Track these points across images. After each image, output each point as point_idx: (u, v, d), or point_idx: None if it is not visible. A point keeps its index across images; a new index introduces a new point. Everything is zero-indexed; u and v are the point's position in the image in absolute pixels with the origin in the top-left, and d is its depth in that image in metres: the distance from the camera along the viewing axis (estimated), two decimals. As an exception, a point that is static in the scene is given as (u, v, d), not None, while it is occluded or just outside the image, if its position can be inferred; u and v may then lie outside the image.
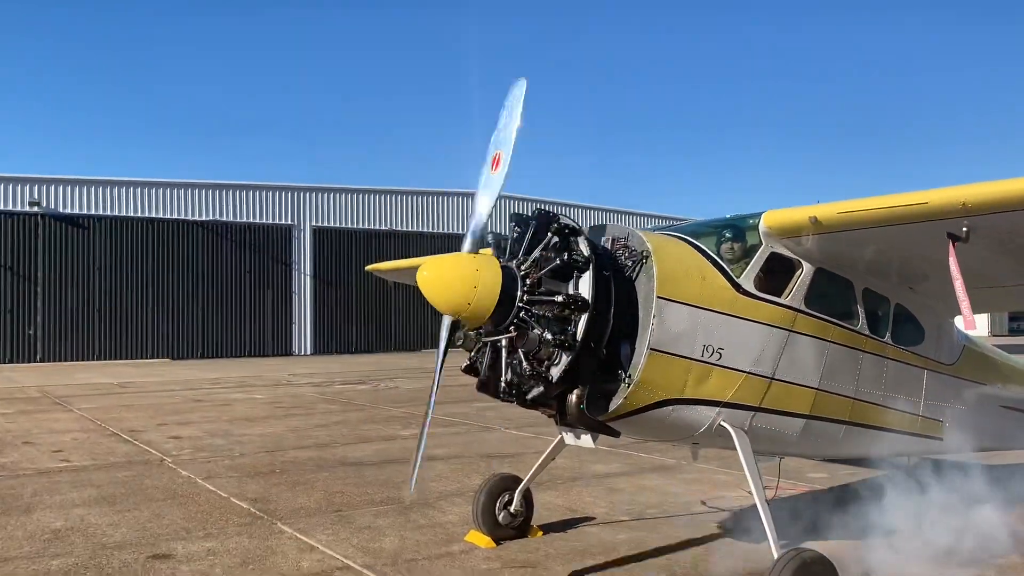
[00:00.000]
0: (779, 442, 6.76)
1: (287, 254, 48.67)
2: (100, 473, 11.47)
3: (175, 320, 45.24)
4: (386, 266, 13.44)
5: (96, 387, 26.30)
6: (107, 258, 43.75)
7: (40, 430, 16.04)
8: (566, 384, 5.75)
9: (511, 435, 15.01)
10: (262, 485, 10.61)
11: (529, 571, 6.99)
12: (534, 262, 5.75)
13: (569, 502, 9.53)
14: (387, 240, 51.02)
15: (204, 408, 19.98)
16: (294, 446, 13.89)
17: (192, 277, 45.89)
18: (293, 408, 19.87)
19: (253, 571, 6.98)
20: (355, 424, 16.73)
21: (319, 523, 8.60)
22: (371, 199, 51.84)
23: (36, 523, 8.67)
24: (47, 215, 42.42)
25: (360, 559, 7.31)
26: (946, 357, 8.12)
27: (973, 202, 5.42)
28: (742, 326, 6.29)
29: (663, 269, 5.97)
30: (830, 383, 6.82)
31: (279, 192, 48.86)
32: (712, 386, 6.14)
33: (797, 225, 6.40)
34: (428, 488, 10.37)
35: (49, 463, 12.32)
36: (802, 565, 5.38)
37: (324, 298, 49.56)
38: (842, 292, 7.13)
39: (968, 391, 8.35)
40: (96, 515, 8.99)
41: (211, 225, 46.39)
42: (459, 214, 54.43)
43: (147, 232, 44.82)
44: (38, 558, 7.40)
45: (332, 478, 11.08)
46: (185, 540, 7.95)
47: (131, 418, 17.91)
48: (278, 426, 16.52)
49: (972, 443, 8.99)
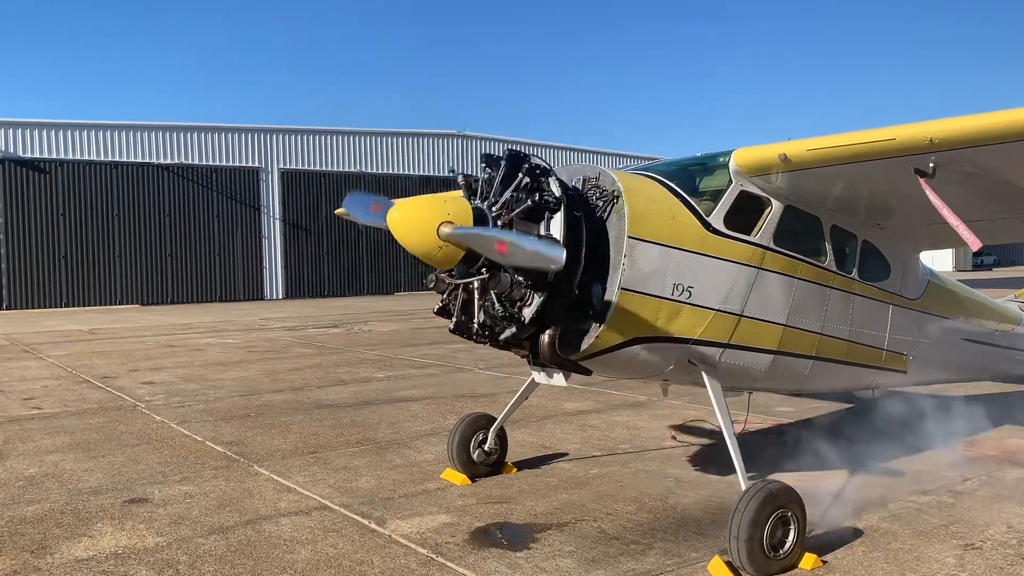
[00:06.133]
0: (747, 377, 6.88)
1: (255, 197, 48.06)
2: (73, 420, 11.44)
3: (144, 266, 44.73)
4: (355, 209, 13.31)
5: (65, 334, 26.06)
6: (71, 203, 42.95)
7: (10, 378, 15.91)
8: (538, 325, 5.79)
9: (485, 375, 15.14)
10: (237, 428, 10.65)
11: (504, 506, 7.13)
12: (505, 203, 5.73)
13: (542, 439, 9.68)
14: (357, 182, 50.40)
15: (176, 354, 19.90)
16: (269, 390, 13.92)
17: (159, 222, 45.24)
18: (267, 352, 19.85)
19: (231, 513, 7.04)
20: (329, 367, 16.78)
21: (296, 465, 8.68)
22: (340, 140, 51.12)
23: (9, 470, 8.66)
24: (7, 159, 41.42)
25: (337, 499, 7.41)
26: (911, 292, 8.26)
27: (940, 138, 5.45)
28: (712, 264, 6.34)
29: (634, 209, 5.98)
30: (797, 319, 6.92)
31: (245, 134, 48.01)
32: (682, 324, 6.21)
33: (767, 163, 6.41)
34: (404, 428, 10.48)
35: (20, 411, 12.26)
36: (768, 496, 5.53)
37: (294, 242, 49.17)
38: (810, 229, 7.19)
39: (932, 325, 8.52)
40: (71, 461, 9.00)
41: (177, 168, 45.60)
42: (430, 155, 53.92)
43: (111, 176, 43.97)
44: (13, 504, 7.41)
45: (308, 420, 11.14)
46: (162, 484, 8.00)
47: (102, 365, 17.81)
48: (252, 370, 16.53)
49: (935, 375, 9.24)
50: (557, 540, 6.28)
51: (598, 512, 6.95)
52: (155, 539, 6.41)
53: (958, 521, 6.66)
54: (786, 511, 5.61)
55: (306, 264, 49.67)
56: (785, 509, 5.61)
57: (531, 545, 6.19)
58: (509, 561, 5.86)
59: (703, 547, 6.08)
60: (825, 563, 5.80)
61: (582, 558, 5.90)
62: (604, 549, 6.09)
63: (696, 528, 6.53)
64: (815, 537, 6.22)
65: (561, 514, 6.91)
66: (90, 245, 43.44)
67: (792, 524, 5.66)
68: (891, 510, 6.93)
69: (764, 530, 5.48)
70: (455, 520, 6.77)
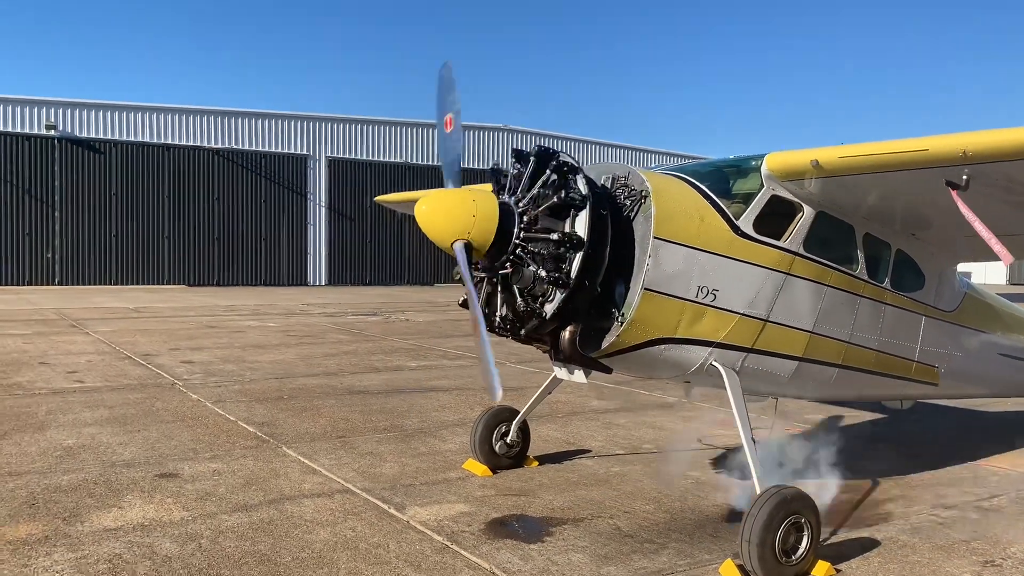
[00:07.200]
0: (771, 383, 6.84)
1: (302, 184, 48.76)
2: (112, 394, 11.77)
3: (191, 247, 45.66)
4: (394, 197, 13.50)
5: (112, 311, 26.72)
6: (123, 183, 44.00)
7: (56, 351, 16.40)
8: (559, 321, 5.85)
9: (515, 369, 15.22)
10: (270, 410, 10.87)
11: (522, 499, 7.20)
12: (532, 199, 5.79)
13: (567, 435, 9.74)
14: (402, 172, 50.93)
15: (217, 334, 20.31)
16: (303, 373, 14.16)
17: (208, 204, 46.13)
18: (305, 337, 20.17)
19: (256, 491, 7.22)
20: (364, 354, 17.00)
21: (323, 448, 8.85)
22: (386, 130, 51.59)
23: (49, 440, 8.96)
24: (63, 138, 42.53)
25: (360, 483, 7.54)
26: (946, 304, 8.14)
27: (973, 150, 5.38)
28: (738, 268, 6.32)
29: (661, 209, 5.99)
30: (825, 327, 6.86)
31: (295, 121, 48.71)
32: (705, 326, 6.21)
33: (799, 168, 6.38)
34: (431, 417, 10.60)
35: (63, 383, 12.64)
36: (782, 501, 5.52)
37: (339, 229, 49.78)
38: (843, 236, 7.12)
39: (967, 338, 8.39)
40: (107, 434, 9.28)
41: (227, 153, 46.40)
42: (474, 147, 54.13)
43: (163, 158, 44.94)
44: (50, 473, 7.68)
45: (339, 405, 11.33)
46: (192, 460, 8.21)
47: (145, 342, 18.25)
48: (289, 354, 16.82)
49: (968, 390, 9.10)
50: (572, 535, 6.34)
51: (615, 509, 6.98)
52: (181, 513, 6.60)
53: (981, 537, 6.57)
54: (799, 517, 5.59)
55: (350, 252, 50.27)
56: (798, 515, 5.59)
57: (545, 538, 6.25)
58: (522, 552, 5.93)
59: (717, 549, 6.09)
60: (839, 572, 5.77)
61: (595, 554, 5.95)
62: (618, 546, 6.13)
63: (712, 530, 6.54)
64: (831, 545, 6.19)
65: (578, 509, 6.96)
66: (140, 225, 44.47)
67: (805, 530, 5.63)
68: (912, 523, 6.87)
69: (776, 535, 5.47)
70: (473, 510, 6.86)
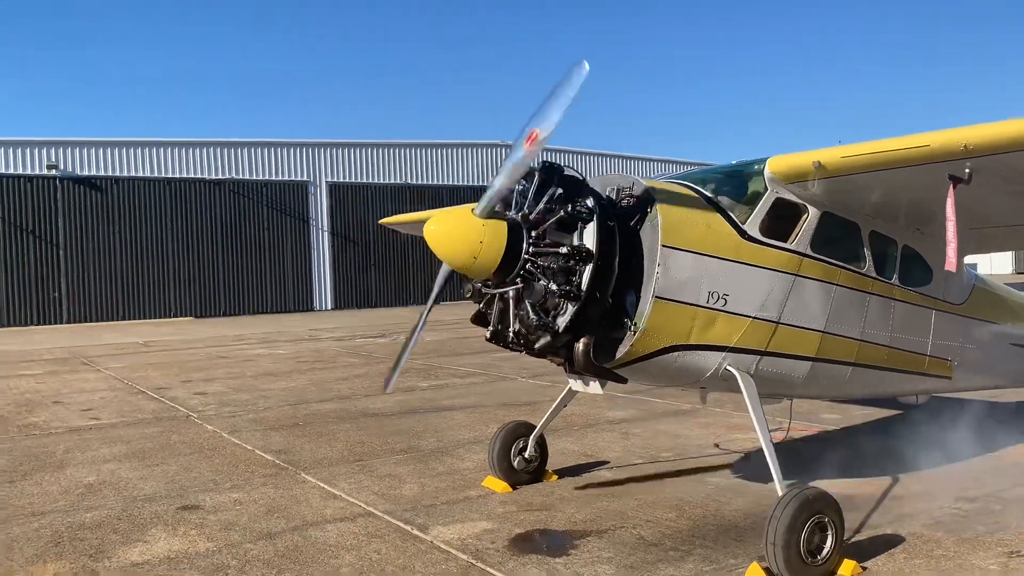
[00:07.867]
0: (785, 384, 6.87)
1: (304, 210, 48.86)
2: (129, 430, 11.82)
3: (197, 279, 45.74)
4: (399, 219, 13.54)
5: (122, 347, 26.80)
6: (127, 219, 44.13)
7: (69, 390, 16.46)
8: (572, 334, 5.88)
9: (528, 384, 15.24)
10: (286, 437, 10.90)
11: (544, 513, 7.21)
12: (539, 214, 5.84)
13: (584, 448, 9.75)
14: (403, 194, 51.02)
15: (228, 364, 20.37)
16: (317, 399, 14.19)
17: (211, 236, 46.24)
18: (315, 362, 20.21)
19: (279, 519, 7.24)
20: (376, 376, 17.02)
21: (341, 472, 8.87)
22: (385, 153, 51.74)
23: (69, 478, 9.00)
24: (65, 178, 42.75)
25: (381, 505, 7.57)
26: (955, 297, 8.16)
27: (974, 144, 5.42)
28: (747, 272, 6.36)
29: (667, 218, 6.04)
30: (836, 326, 6.89)
31: (293, 148, 48.87)
32: (717, 332, 6.25)
33: (802, 170, 6.43)
34: (447, 437, 10.62)
35: (79, 421, 12.69)
36: (804, 502, 5.53)
37: (342, 253, 49.84)
38: (849, 235, 7.17)
39: (977, 330, 8.41)
40: (126, 470, 9.31)
41: (228, 183, 46.59)
42: (476, 166, 54.26)
43: (165, 192, 45.10)
44: (73, 511, 7.71)
45: (354, 429, 11.36)
46: (213, 491, 8.24)
47: (157, 376, 18.31)
48: (301, 380, 16.86)
49: (982, 381, 9.10)
50: (596, 547, 6.35)
51: (638, 519, 7.00)
52: (206, 544, 6.63)
53: (1004, 528, 6.57)
54: (823, 517, 5.61)
55: (354, 275, 50.31)
56: (822, 515, 5.60)
57: (570, 551, 6.27)
58: (548, 567, 5.94)
59: (742, 554, 6.10)
60: (865, 569, 5.78)
61: (621, 564, 5.97)
62: (643, 556, 6.14)
63: (736, 535, 6.55)
64: (855, 544, 6.20)
65: (601, 521, 6.97)
66: (145, 259, 44.58)
67: (829, 530, 5.64)
68: (935, 517, 6.87)
69: (801, 536, 5.48)
70: (496, 527, 6.88)
